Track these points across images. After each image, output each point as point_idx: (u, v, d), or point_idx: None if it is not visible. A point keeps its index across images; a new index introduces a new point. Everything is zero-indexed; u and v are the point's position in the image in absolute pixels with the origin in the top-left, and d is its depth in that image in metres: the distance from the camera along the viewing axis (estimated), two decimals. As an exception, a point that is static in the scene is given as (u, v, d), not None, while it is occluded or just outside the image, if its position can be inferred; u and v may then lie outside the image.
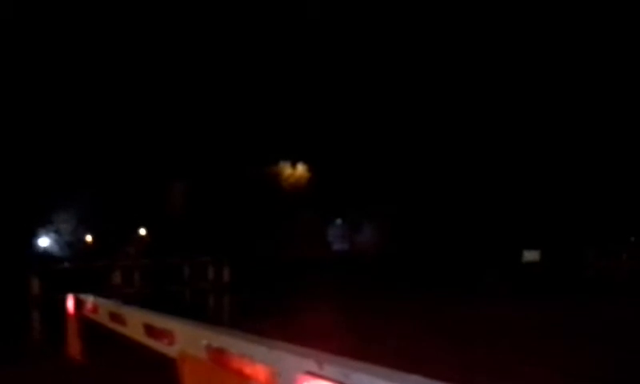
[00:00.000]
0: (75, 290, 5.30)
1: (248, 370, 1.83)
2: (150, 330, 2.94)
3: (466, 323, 8.54)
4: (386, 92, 32.96)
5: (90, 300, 4.68)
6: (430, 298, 12.71)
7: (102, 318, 4.15)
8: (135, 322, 3.28)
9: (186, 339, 2.43)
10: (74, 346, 5.09)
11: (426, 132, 32.66)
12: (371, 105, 33.42)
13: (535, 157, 28.56)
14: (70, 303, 5.06)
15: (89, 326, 4.76)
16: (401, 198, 34.43)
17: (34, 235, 12.89)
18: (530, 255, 22.46)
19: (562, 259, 21.10)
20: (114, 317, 3.81)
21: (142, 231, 39.20)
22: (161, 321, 2.86)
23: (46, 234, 12.94)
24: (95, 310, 4.44)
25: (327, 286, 16.56)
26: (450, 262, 22.08)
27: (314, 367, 1.46)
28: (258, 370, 1.77)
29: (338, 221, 44.49)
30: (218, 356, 2.05)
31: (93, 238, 27.44)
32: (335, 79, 33.29)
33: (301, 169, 43.08)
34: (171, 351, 2.58)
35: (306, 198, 40.62)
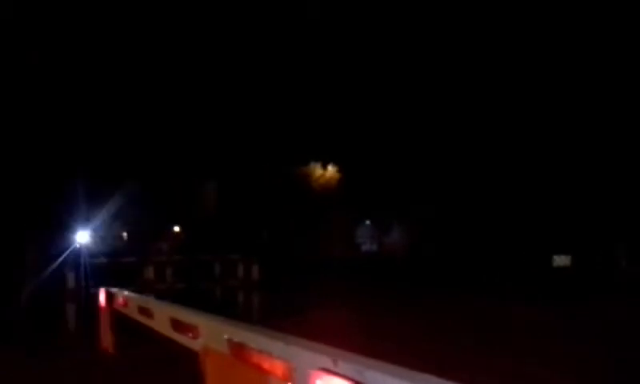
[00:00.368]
0: (109, 285, 5.47)
1: (266, 364, 1.86)
2: (176, 324, 3.02)
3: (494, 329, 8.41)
4: (414, 95, 32.75)
5: (121, 294, 4.82)
6: (445, 299, 12.63)
7: (132, 311, 4.27)
8: (162, 316, 3.37)
9: (209, 333, 2.48)
10: (106, 339, 5.25)
11: (458, 133, 32.25)
12: (399, 107, 33.25)
13: (566, 162, 27.89)
14: (102, 297, 5.22)
15: (120, 319, 4.90)
16: (431, 200, 34.09)
17: (72, 231, 13.33)
18: (561, 260, 22.26)
19: (593, 264, 20.63)
20: (143, 310, 3.92)
21: (176, 229, 40.02)
22: (186, 315, 2.93)
23: (83, 229, 13.37)
24: (125, 303, 4.57)
25: (354, 287, 16.52)
26: (480, 267, 21.74)
27: (328, 364, 1.47)
28: (276, 365, 1.80)
29: (367, 222, 44.35)
30: (239, 350, 2.08)
31: (128, 235, 28.19)
32: (367, 80, 33.21)
33: (331, 170, 43.15)
34: (195, 345, 2.64)
35: (335, 198, 40.65)
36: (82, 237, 11.23)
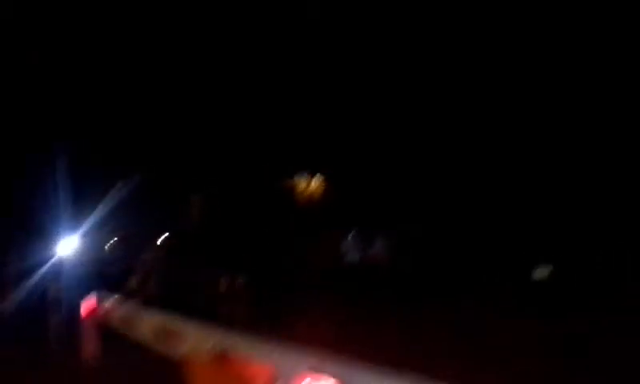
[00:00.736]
0: (94, 293, 5.45)
1: (250, 370, 1.90)
2: (159, 333, 3.04)
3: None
4: (401, 109, 33.00)
5: (105, 303, 4.81)
6: (420, 309, 12.71)
7: (116, 320, 4.27)
8: (146, 325, 3.38)
9: (192, 341, 2.51)
10: (90, 348, 5.22)
11: (437, 143, 32.52)
12: (387, 119, 33.45)
13: (544, 170, 28.15)
14: (87, 306, 5.21)
15: (104, 328, 4.88)
16: (414, 211, 34.28)
17: (55, 238, 13.11)
18: (541, 272, 22.47)
19: (573, 275, 20.78)
20: (127, 319, 3.92)
21: (159, 240, 39.73)
22: (170, 323, 2.95)
23: (68, 237, 13.18)
24: (110, 312, 4.57)
25: (340, 298, 16.53)
26: (461, 278, 21.87)
27: (311, 366, 1.52)
28: (260, 371, 1.84)
29: (352, 233, 44.50)
30: (223, 358, 2.12)
31: (113, 243, 27.85)
32: (352, 90, 33.40)
33: (316, 181, 43.27)
34: (178, 352, 2.66)
35: (321, 210, 40.76)
36: (67, 246, 11.04)
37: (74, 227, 12.09)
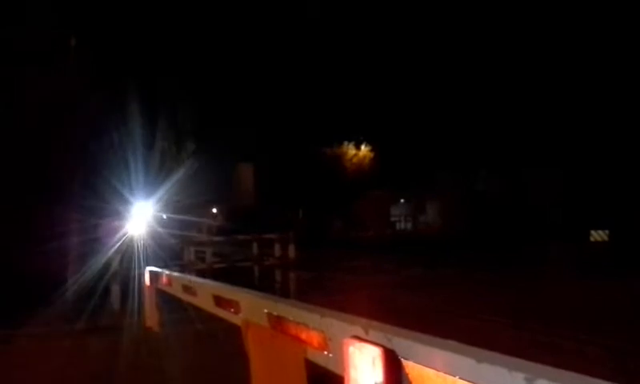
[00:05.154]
0: (152, 266, 5.75)
1: (303, 335, 2.00)
2: (218, 301, 3.20)
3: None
4: (446, 73, 32.18)
5: (164, 274, 5.06)
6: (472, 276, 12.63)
7: (176, 290, 4.50)
8: (205, 293, 3.56)
9: (249, 308, 2.64)
10: (151, 317, 5.53)
11: (489, 109, 31.65)
12: (432, 86, 32.75)
13: (604, 138, 26.97)
14: (147, 277, 5.49)
15: (165, 297, 5.16)
16: (466, 179, 33.62)
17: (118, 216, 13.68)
18: (598, 235, 22.27)
19: (631, 238, 20.10)
20: (187, 289, 4.13)
21: (214, 210, 40.91)
22: (227, 292, 3.10)
23: (138, 212, 13.69)
24: (169, 283, 4.81)
25: (389, 265, 16.63)
26: (517, 243, 21.44)
27: (359, 332, 1.59)
28: (312, 336, 1.93)
29: (402, 201, 44.13)
30: (278, 323, 2.23)
31: (168, 216, 28.96)
32: (396, 59, 32.76)
33: (364, 149, 43.02)
34: (237, 319, 2.81)
35: (369, 178, 40.57)
36: (129, 220, 11.49)
37: (136, 201, 12.56)
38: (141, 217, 11.77)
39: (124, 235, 9.94)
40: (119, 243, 9.46)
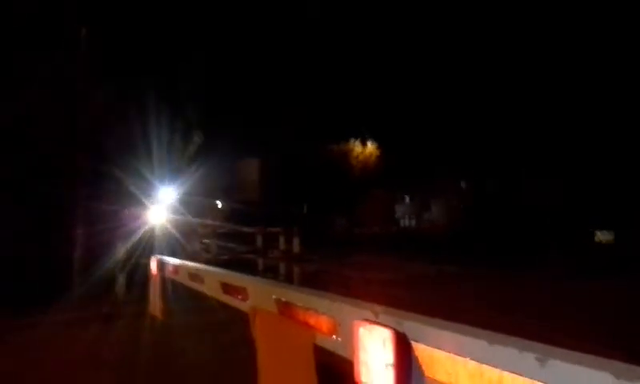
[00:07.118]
0: (161, 253, 5.79)
1: (312, 320, 2.02)
2: (226, 288, 3.22)
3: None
4: (451, 72, 32.13)
5: (171, 262, 5.10)
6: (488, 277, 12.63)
7: (183, 278, 4.53)
8: (212, 281, 3.59)
9: (257, 295, 2.66)
10: (156, 305, 5.57)
11: (494, 108, 31.58)
12: (438, 85, 32.70)
13: (609, 137, 26.86)
14: (154, 265, 5.52)
15: (172, 285, 5.19)
16: (470, 176, 33.61)
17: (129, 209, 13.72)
18: (603, 236, 22.44)
19: (636, 239, 20.13)
20: (194, 277, 4.16)
21: (219, 204, 40.99)
22: (235, 279, 3.12)
23: (160, 203, 13.75)
24: (176, 271, 4.84)
25: (393, 260, 16.68)
26: (521, 242, 21.42)
27: (369, 316, 1.61)
28: (321, 320, 1.95)
29: (406, 198, 44.20)
30: (286, 309, 2.25)
31: (178, 206, 29.12)
32: (402, 57, 32.71)
33: (370, 147, 43.03)
34: (244, 306, 2.83)
35: (375, 175, 40.57)
36: (142, 212, 11.56)
37: (150, 195, 12.62)
38: (159, 206, 11.85)
39: (144, 224, 10.04)
40: (140, 231, 9.57)
